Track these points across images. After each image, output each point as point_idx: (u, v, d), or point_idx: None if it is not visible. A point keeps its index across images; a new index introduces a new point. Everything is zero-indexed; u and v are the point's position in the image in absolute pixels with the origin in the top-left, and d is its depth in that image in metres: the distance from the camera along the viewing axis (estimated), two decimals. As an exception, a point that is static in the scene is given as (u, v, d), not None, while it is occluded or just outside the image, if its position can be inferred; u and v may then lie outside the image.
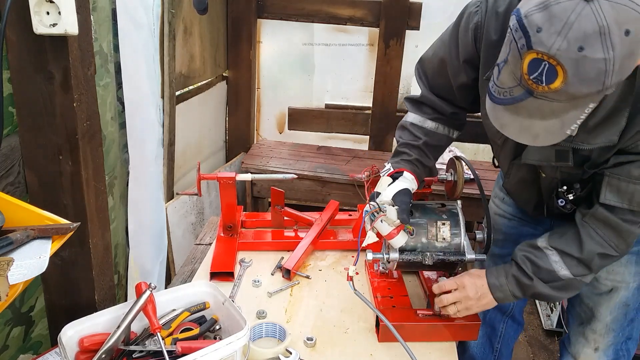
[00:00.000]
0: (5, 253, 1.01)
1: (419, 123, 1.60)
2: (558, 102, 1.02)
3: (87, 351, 1.25)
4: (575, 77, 0.96)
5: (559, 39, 0.95)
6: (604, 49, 0.93)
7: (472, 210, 2.87)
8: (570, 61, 0.95)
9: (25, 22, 1.21)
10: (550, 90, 0.99)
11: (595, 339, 1.66)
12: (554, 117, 1.05)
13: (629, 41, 0.94)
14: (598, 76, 0.96)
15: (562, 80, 0.97)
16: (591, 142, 1.22)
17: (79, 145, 1.37)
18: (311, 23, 3.64)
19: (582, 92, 0.99)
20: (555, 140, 1.10)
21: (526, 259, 1.38)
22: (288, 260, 1.77)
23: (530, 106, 1.05)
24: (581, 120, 1.05)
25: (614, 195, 1.24)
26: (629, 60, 0.97)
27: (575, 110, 1.04)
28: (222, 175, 1.84)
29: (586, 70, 0.95)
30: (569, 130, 1.07)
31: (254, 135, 3.98)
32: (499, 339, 2.00)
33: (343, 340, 1.49)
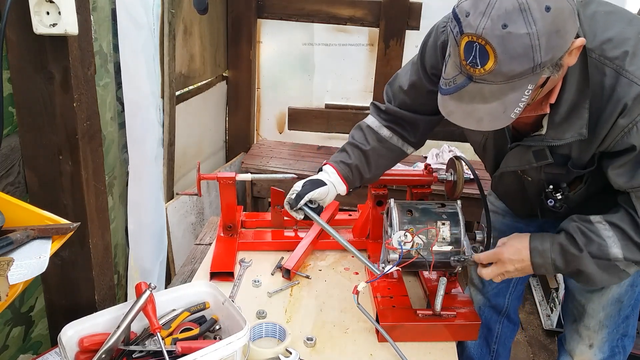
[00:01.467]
0: (5, 253, 1.01)
1: (375, 127, 1.62)
2: (496, 84, 1.06)
3: (87, 351, 1.25)
4: (504, 54, 1.01)
5: (484, 19, 1.01)
6: (526, 24, 0.99)
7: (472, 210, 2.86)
8: (497, 39, 1.00)
9: (25, 22, 1.21)
10: (486, 72, 1.04)
11: (589, 336, 1.67)
12: (494, 100, 1.08)
13: (551, 17, 1.00)
14: (526, 51, 1.01)
15: (493, 60, 1.02)
16: (561, 138, 1.25)
17: (79, 145, 1.37)
18: (311, 23, 3.64)
19: (515, 71, 1.03)
20: (501, 125, 1.13)
21: (578, 229, 1.31)
22: (288, 260, 1.77)
23: (472, 91, 1.09)
24: (523, 103, 1.08)
25: None
26: (557, 37, 1.02)
27: (514, 92, 1.07)
28: (222, 175, 1.84)
29: (513, 47, 1.00)
30: (512, 114, 1.09)
31: (254, 135, 3.99)
32: (495, 339, 2.01)
33: (343, 340, 1.49)
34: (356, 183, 1.61)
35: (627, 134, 1.17)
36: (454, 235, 1.52)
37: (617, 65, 1.15)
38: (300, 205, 1.50)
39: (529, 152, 1.33)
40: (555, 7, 1.00)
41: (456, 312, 1.52)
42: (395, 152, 1.65)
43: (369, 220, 1.89)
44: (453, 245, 1.50)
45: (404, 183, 1.88)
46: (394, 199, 1.60)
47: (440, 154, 3.51)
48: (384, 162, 1.64)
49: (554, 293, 2.99)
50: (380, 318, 1.49)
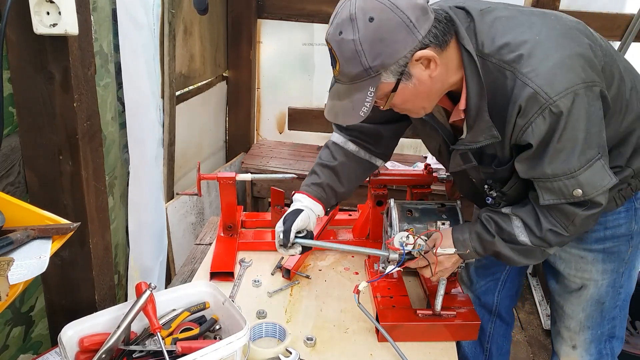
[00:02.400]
0: (5, 253, 1.01)
1: (340, 143, 1.66)
2: (344, 84, 1.22)
3: (87, 351, 1.25)
4: (341, 58, 1.18)
5: (331, 27, 1.20)
6: (353, 31, 1.14)
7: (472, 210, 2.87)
8: (336, 44, 1.18)
9: (25, 22, 1.21)
10: (339, 74, 1.21)
11: (570, 337, 1.69)
12: (346, 98, 1.23)
13: (374, 27, 1.13)
14: (353, 55, 1.16)
15: (337, 63, 1.19)
16: (476, 141, 1.33)
17: (79, 145, 1.37)
18: (311, 23, 3.63)
19: (352, 72, 1.18)
20: (353, 121, 1.25)
21: (490, 218, 1.43)
22: (288, 260, 1.77)
23: (335, 90, 1.27)
24: (369, 103, 1.21)
25: (549, 195, 1.30)
26: (382, 44, 1.15)
27: (359, 92, 1.21)
28: (222, 175, 1.84)
29: (345, 50, 1.16)
30: (361, 112, 1.22)
31: (254, 135, 3.98)
32: (488, 338, 2.02)
33: (343, 340, 1.49)
34: (331, 201, 1.64)
35: (524, 133, 1.23)
36: None
37: (514, 68, 1.21)
38: (292, 240, 1.51)
39: (458, 156, 1.42)
40: (379, 18, 1.13)
41: (456, 312, 1.52)
42: (364, 165, 1.68)
43: (369, 220, 1.89)
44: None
45: (404, 183, 1.88)
46: (393, 199, 1.60)
47: (440, 154, 3.50)
48: (354, 175, 1.67)
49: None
50: (380, 318, 1.50)
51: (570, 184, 1.25)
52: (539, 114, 1.19)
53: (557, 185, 1.27)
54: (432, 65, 1.21)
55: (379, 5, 1.14)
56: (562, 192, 1.27)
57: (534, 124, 1.20)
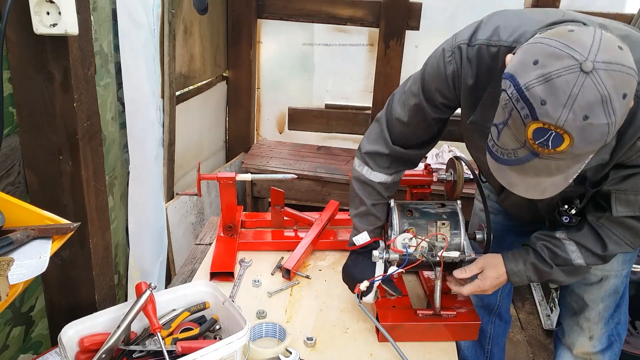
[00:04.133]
0: (6, 253, 1.01)
1: (384, 180, 1.60)
2: (563, 160, 1.07)
3: (87, 351, 1.25)
4: (581, 141, 1.02)
5: (565, 111, 0.99)
6: (606, 114, 0.99)
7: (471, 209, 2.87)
8: (577, 129, 1.00)
9: (25, 22, 1.21)
10: (556, 152, 1.04)
11: (589, 327, 1.70)
12: (559, 173, 1.10)
13: (627, 102, 1.01)
14: (602, 137, 1.02)
15: (568, 144, 1.02)
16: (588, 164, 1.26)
17: (79, 145, 1.37)
18: (311, 23, 3.64)
19: (587, 151, 1.05)
20: (559, 190, 1.14)
21: (545, 247, 1.43)
22: (288, 260, 1.77)
23: (537, 165, 1.09)
24: (582, 169, 1.11)
25: (624, 208, 1.29)
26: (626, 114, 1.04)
27: (578, 164, 1.09)
28: (222, 175, 1.84)
29: (592, 134, 1.01)
30: (571, 179, 1.12)
31: (254, 135, 3.98)
32: (488, 339, 2.02)
33: (343, 340, 1.49)
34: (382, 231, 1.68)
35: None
36: (454, 235, 1.52)
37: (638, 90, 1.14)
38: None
39: None
40: (630, 92, 1.01)
41: (456, 312, 1.52)
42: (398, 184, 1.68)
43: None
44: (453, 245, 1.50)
45: (404, 183, 1.88)
46: (393, 199, 1.60)
47: (440, 154, 3.51)
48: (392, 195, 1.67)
49: (554, 293, 2.99)
50: (380, 318, 1.50)
51: None
52: None
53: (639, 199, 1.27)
54: None
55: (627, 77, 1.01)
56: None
57: None
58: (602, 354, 1.71)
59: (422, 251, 1.43)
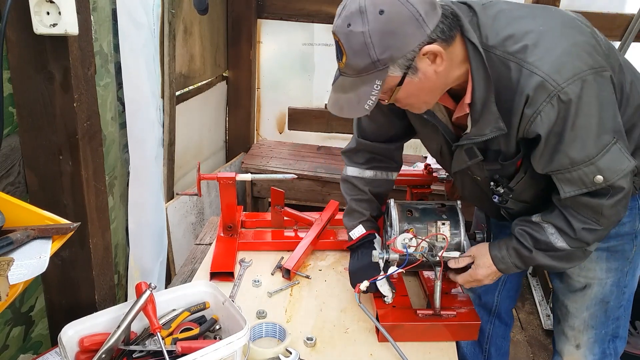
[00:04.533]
0: (6, 253, 1.01)
1: (358, 175, 1.71)
2: (351, 77, 1.22)
3: (87, 351, 1.25)
4: (349, 50, 1.17)
5: (338, 20, 1.19)
6: (362, 23, 1.14)
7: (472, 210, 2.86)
8: (344, 36, 1.17)
9: (25, 22, 1.21)
10: (345, 67, 1.21)
11: (574, 336, 1.67)
12: (351, 91, 1.23)
13: (384, 19, 1.13)
14: (362, 48, 1.15)
15: (344, 55, 1.18)
16: (482, 134, 1.32)
17: (79, 145, 1.37)
18: (311, 23, 3.63)
19: (359, 65, 1.18)
20: (358, 114, 1.25)
21: (524, 232, 1.42)
22: (288, 260, 1.77)
23: (339, 83, 1.26)
24: (375, 96, 1.20)
25: (569, 187, 1.30)
26: (392, 37, 1.15)
27: (365, 85, 1.20)
28: (222, 175, 1.84)
29: (354, 43, 1.16)
30: (366, 106, 1.21)
31: (254, 135, 3.98)
32: (487, 339, 2.02)
33: (343, 340, 1.49)
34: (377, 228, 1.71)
35: (532, 123, 1.23)
36: (454, 235, 1.52)
37: (519, 58, 1.21)
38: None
39: (463, 152, 1.41)
40: (390, 11, 1.13)
41: (456, 312, 1.52)
42: (384, 185, 1.74)
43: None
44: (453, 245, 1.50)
45: (404, 183, 1.88)
46: (393, 199, 1.60)
47: (440, 154, 3.50)
48: (381, 197, 1.73)
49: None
50: (380, 318, 1.49)
51: (590, 171, 1.24)
52: (547, 102, 1.18)
53: (577, 175, 1.26)
54: (438, 60, 1.21)
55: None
56: (582, 181, 1.27)
57: (542, 113, 1.20)
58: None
59: (422, 251, 1.43)
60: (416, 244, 1.44)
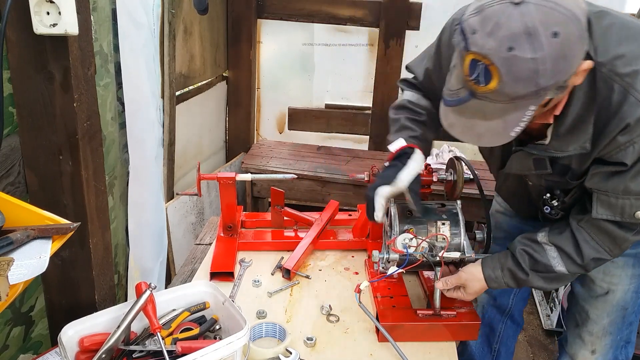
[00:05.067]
0: (6, 253, 1.01)
1: (416, 100, 1.59)
2: (498, 103, 1.06)
3: (87, 351, 1.25)
4: (508, 76, 1.01)
5: (490, 40, 1.00)
6: (531, 49, 0.98)
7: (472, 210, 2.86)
8: (502, 60, 1.00)
9: (25, 22, 1.21)
10: (489, 91, 1.04)
11: (592, 341, 1.66)
12: (495, 117, 1.08)
13: (559, 43, 0.99)
14: (530, 76, 1.00)
15: (497, 80, 1.02)
16: (564, 150, 1.25)
17: (79, 145, 1.37)
18: (311, 23, 3.64)
19: (518, 93, 1.03)
20: (500, 142, 1.13)
21: (524, 252, 1.41)
22: (288, 260, 1.77)
23: (473, 107, 1.09)
24: (524, 123, 1.08)
25: (605, 210, 1.27)
26: (563, 62, 1.01)
27: (516, 112, 1.07)
28: (222, 175, 1.84)
29: (518, 70, 1.00)
30: (513, 133, 1.10)
31: (254, 135, 3.99)
32: (497, 339, 2.01)
33: (343, 340, 1.49)
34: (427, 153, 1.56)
35: (622, 151, 1.19)
36: (454, 235, 1.52)
37: (627, 83, 1.14)
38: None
39: (530, 159, 1.33)
40: (564, 32, 0.99)
41: (456, 312, 1.52)
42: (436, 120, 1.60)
43: (368, 221, 1.89)
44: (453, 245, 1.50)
45: (404, 183, 1.88)
46: (394, 198, 1.60)
47: (440, 154, 3.51)
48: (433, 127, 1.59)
49: (554, 293, 2.99)
50: (380, 318, 1.50)
51: (637, 205, 1.22)
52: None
53: (622, 203, 1.23)
54: (581, 74, 1.10)
55: (562, 17, 0.99)
56: (622, 211, 1.24)
57: (636, 144, 1.16)
58: None
59: (423, 251, 1.43)
60: (416, 244, 1.44)
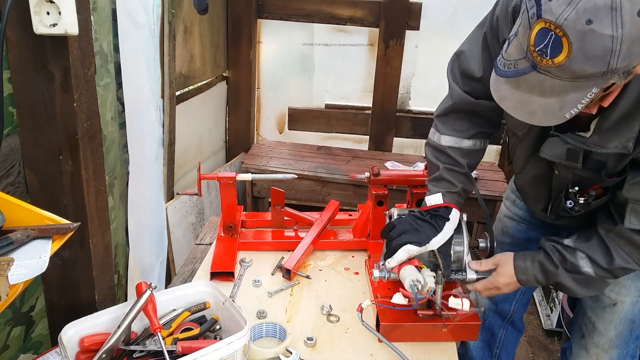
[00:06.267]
0: (6, 253, 1.01)
1: (456, 145, 1.53)
2: (560, 80, 0.99)
3: (87, 351, 1.25)
4: (579, 51, 0.94)
5: (569, 8, 0.93)
6: (612, 25, 0.91)
7: (472, 210, 2.86)
8: (577, 33, 0.93)
9: (25, 22, 1.21)
10: (554, 65, 0.97)
11: (597, 354, 1.64)
12: (553, 95, 1.02)
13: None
14: (603, 54, 0.93)
15: (566, 54, 0.95)
16: (604, 146, 1.19)
17: (79, 145, 1.37)
18: (311, 23, 3.64)
19: (586, 71, 0.96)
20: (553, 122, 1.07)
21: (554, 248, 1.40)
22: (288, 260, 1.77)
23: (532, 80, 1.02)
24: (582, 105, 1.02)
25: (638, 220, 1.24)
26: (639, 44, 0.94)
27: (576, 92, 1.01)
28: (222, 175, 1.84)
29: (592, 46, 0.93)
30: (567, 114, 1.03)
31: (254, 135, 3.99)
32: (498, 344, 2.00)
33: (343, 340, 1.49)
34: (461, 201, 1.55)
35: None
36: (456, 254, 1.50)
37: None
38: None
39: (564, 147, 1.27)
40: None
41: (457, 312, 1.52)
42: (479, 154, 1.58)
43: (369, 220, 1.89)
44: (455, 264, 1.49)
45: (404, 183, 1.88)
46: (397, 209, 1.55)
47: (441, 154, 3.50)
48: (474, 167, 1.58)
49: (554, 293, 2.99)
50: (380, 318, 1.49)
51: None
52: None
53: None
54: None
55: None
56: None
57: None
58: None
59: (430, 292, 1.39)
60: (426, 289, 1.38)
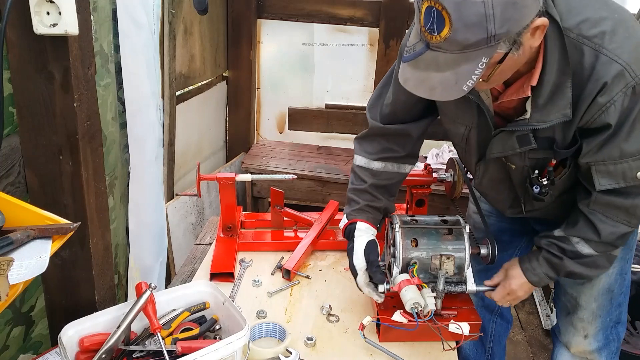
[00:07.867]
0: (6, 253, 1.01)
1: (364, 165, 1.61)
2: (450, 53, 1.06)
3: (87, 351, 1.25)
4: (459, 21, 1.00)
5: None
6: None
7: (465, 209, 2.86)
8: (453, 5, 1.00)
9: (25, 22, 1.21)
10: (442, 39, 1.04)
11: (583, 327, 1.69)
12: (448, 69, 1.08)
13: None
14: (479, 20, 1.00)
15: (449, 27, 1.02)
16: (546, 120, 1.24)
17: (79, 145, 1.37)
18: (311, 23, 3.64)
19: (469, 40, 1.02)
20: (452, 96, 1.12)
21: (551, 243, 1.43)
22: (288, 260, 1.77)
23: (427, 59, 1.09)
24: (476, 76, 1.07)
25: (607, 180, 1.26)
26: (513, 9, 1.01)
27: (468, 63, 1.06)
28: (221, 176, 1.84)
29: (467, 14, 1.00)
30: (465, 87, 1.09)
31: (254, 135, 3.99)
32: (490, 338, 2.02)
33: (343, 340, 1.49)
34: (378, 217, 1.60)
35: (604, 112, 1.18)
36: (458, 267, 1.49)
37: (596, 44, 1.15)
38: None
39: (513, 137, 1.33)
40: None
41: (457, 311, 1.52)
42: (394, 178, 1.63)
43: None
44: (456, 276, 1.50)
45: (404, 183, 1.88)
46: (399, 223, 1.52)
47: (440, 154, 3.51)
48: (388, 189, 1.63)
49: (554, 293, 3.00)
50: (380, 318, 1.49)
51: (636, 165, 1.22)
52: (623, 92, 1.15)
53: (621, 168, 1.23)
54: (538, 34, 1.10)
55: None
56: (623, 176, 1.24)
57: (616, 103, 1.16)
58: (598, 353, 1.70)
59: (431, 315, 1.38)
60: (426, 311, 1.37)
